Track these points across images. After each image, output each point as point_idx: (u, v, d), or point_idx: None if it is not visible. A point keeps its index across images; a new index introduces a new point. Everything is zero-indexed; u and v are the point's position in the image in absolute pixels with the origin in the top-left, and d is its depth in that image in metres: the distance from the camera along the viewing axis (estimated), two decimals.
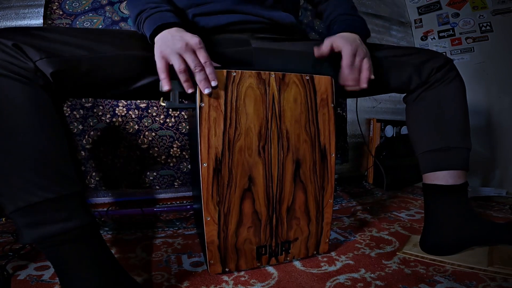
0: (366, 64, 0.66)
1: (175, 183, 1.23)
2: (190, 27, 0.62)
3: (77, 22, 1.14)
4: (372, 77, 0.67)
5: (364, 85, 0.66)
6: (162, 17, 0.59)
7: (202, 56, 0.56)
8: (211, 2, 0.69)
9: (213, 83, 0.57)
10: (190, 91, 0.57)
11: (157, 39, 0.57)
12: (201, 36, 0.59)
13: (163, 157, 1.21)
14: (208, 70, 0.56)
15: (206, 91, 0.56)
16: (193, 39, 0.56)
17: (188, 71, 0.56)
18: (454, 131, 0.71)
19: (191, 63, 0.55)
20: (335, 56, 0.68)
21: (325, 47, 0.68)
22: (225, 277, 0.64)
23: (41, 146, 0.47)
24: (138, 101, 1.19)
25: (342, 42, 0.66)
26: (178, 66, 0.55)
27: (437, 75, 0.71)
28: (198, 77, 0.56)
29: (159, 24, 0.58)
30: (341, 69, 0.66)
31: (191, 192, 1.26)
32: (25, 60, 0.48)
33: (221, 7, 0.69)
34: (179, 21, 0.61)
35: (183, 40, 0.55)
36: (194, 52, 0.56)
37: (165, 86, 0.56)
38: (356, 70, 0.66)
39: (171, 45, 0.55)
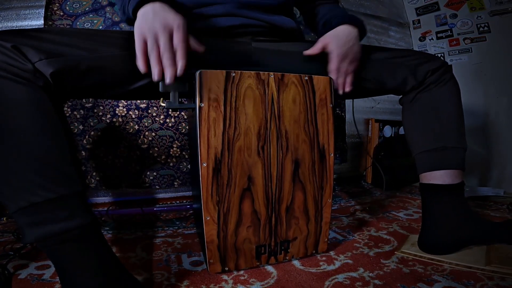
0: (351, 68, 0.68)
1: (175, 183, 1.24)
2: (178, 7, 0.57)
3: (78, 23, 1.15)
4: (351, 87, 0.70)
5: (347, 88, 0.69)
6: None
7: (177, 37, 0.52)
8: (213, 4, 0.69)
9: (179, 71, 0.52)
10: (156, 78, 0.52)
11: (139, 14, 0.54)
12: (199, 32, 0.57)
13: (163, 157, 1.22)
14: (179, 53, 0.53)
15: (167, 81, 0.52)
16: (175, 20, 0.53)
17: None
18: (450, 132, 0.72)
19: (162, 46, 0.51)
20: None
21: (317, 48, 0.70)
22: (225, 276, 0.65)
23: (42, 147, 0.48)
24: (138, 101, 1.19)
25: (333, 45, 0.68)
26: (149, 46, 0.52)
27: (432, 77, 0.72)
28: (164, 62, 0.52)
29: None
30: (328, 72, 0.68)
31: (191, 192, 1.26)
32: (24, 61, 0.48)
33: (223, 10, 0.69)
34: None
35: (163, 19, 0.52)
36: (171, 33, 0.52)
37: (140, 66, 0.52)
38: (342, 74, 0.68)
39: (150, 23, 0.52)
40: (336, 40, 0.68)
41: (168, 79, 0.52)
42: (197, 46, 0.58)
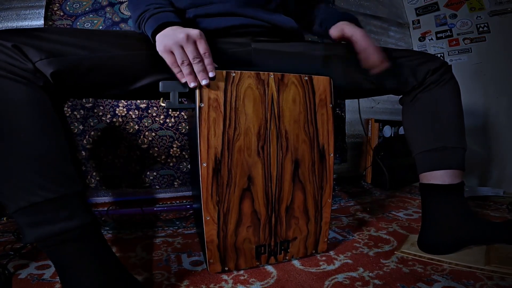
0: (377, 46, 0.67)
1: (175, 183, 1.24)
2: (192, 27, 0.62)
3: (78, 23, 1.15)
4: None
5: (388, 63, 0.67)
6: (165, 16, 0.60)
7: (202, 47, 0.56)
8: (212, 3, 0.69)
9: (211, 74, 0.57)
10: (192, 85, 0.57)
11: (159, 35, 0.58)
12: None
13: (163, 157, 1.22)
14: (207, 61, 0.57)
15: (204, 82, 0.57)
16: (194, 31, 0.56)
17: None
18: (450, 132, 0.72)
19: (190, 54, 0.55)
20: (333, 56, 0.68)
21: (336, 33, 0.69)
22: (225, 276, 0.65)
23: (42, 146, 0.48)
24: (138, 101, 1.19)
25: (350, 28, 0.67)
26: (180, 58, 0.55)
27: (432, 77, 0.72)
28: (197, 68, 0.56)
29: (162, 23, 0.58)
30: (363, 52, 0.66)
31: (191, 192, 1.26)
32: (24, 61, 0.48)
33: (223, 9, 0.69)
34: (181, 21, 0.61)
35: (184, 32, 0.55)
36: (194, 43, 0.56)
37: (182, 79, 0.57)
38: (378, 49, 0.66)
39: (173, 37, 0.55)
40: (349, 25, 0.68)
41: (204, 81, 0.57)
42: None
